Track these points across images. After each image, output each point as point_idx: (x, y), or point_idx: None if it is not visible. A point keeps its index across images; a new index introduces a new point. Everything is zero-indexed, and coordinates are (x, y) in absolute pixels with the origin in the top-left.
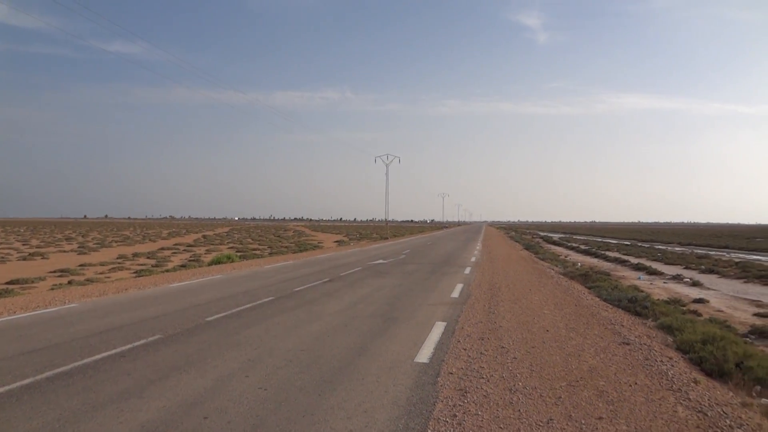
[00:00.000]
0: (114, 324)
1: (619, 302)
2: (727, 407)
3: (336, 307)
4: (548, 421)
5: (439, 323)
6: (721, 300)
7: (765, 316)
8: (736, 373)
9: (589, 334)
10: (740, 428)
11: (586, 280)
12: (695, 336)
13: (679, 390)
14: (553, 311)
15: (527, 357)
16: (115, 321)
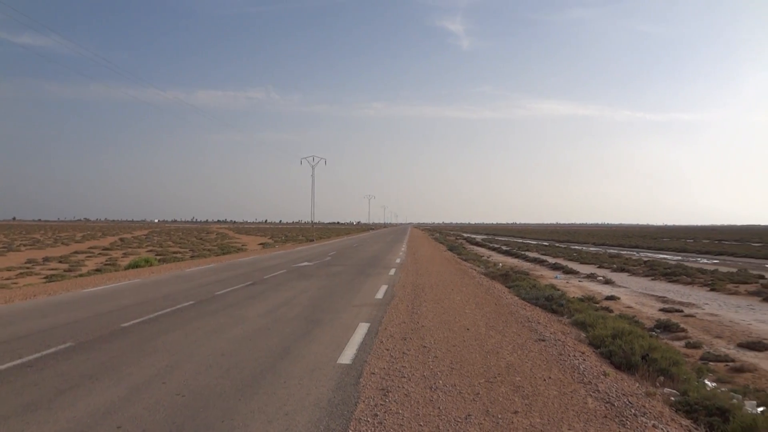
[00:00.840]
0: (20, 332)
1: (536, 300)
2: (633, 397)
3: (259, 310)
4: (467, 417)
5: (363, 324)
6: (630, 297)
7: (669, 311)
8: (642, 365)
9: (507, 331)
10: (644, 416)
11: (506, 280)
12: (606, 331)
13: (589, 383)
14: (474, 310)
15: (448, 355)
16: (22, 329)
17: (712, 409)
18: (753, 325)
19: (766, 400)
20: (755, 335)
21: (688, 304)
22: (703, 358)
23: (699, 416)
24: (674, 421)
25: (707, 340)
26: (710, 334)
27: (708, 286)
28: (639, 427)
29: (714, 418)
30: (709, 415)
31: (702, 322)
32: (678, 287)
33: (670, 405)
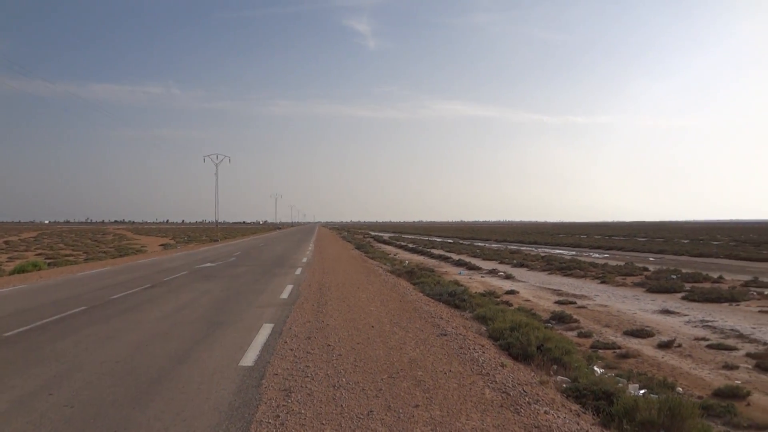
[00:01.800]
0: None
1: (440, 296)
2: (528, 386)
3: (157, 314)
4: (368, 413)
5: (267, 325)
6: (529, 290)
7: (564, 303)
8: (538, 355)
9: (411, 327)
10: (537, 404)
11: (411, 277)
12: (505, 324)
13: (487, 374)
14: (379, 308)
15: (352, 353)
16: None
17: (599, 393)
18: (638, 314)
19: (647, 383)
20: (639, 323)
21: (580, 296)
22: (593, 347)
23: (587, 401)
24: (564, 407)
25: (597, 330)
26: (600, 324)
27: (599, 279)
28: (532, 414)
29: (601, 402)
30: (596, 399)
31: (593, 312)
32: (572, 280)
33: (562, 392)
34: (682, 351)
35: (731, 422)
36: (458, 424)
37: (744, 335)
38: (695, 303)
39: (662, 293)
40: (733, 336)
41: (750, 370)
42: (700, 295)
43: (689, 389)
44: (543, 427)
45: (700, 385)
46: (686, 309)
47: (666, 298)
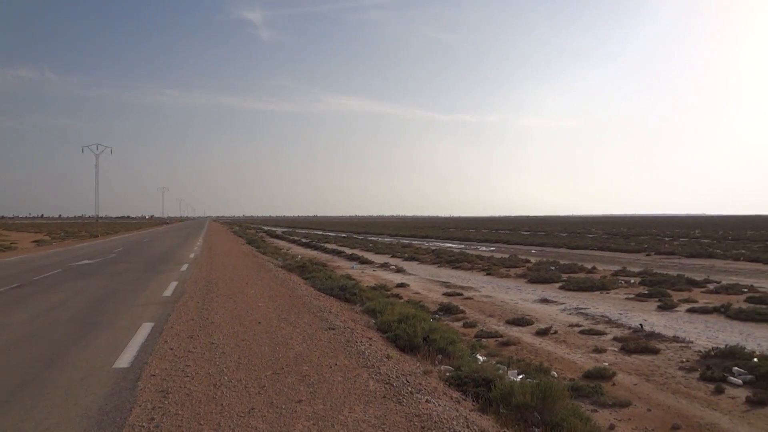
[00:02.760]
0: None
1: (331, 291)
2: (411, 376)
3: (24, 315)
4: (250, 411)
5: (147, 324)
6: (419, 283)
7: (451, 294)
8: (424, 346)
9: (299, 322)
10: (419, 393)
11: (303, 272)
12: (393, 317)
13: (372, 366)
14: (267, 303)
15: (236, 350)
16: None
17: (479, 380)
18: (519, 304)
19: (525, 369)
20: (520, 312)
21: (467, 288)
22: (477, 336)
23: (468, 388)
24: (446, 395)
25: (482, 319)
26: (484, 314)
27: (485, 271)
28: (414, 403)
29: (481, 388)
30: (476, 386)
31: (478, 303)
32: (460, 273)
33: (445, 380)
34: (558, 337)
35: (598, 401)
36: (341, 416)
37: (612, 321)
38: (571, 292)
39: (542, 283)
40: (603, 322)
41: (616, 352)
42: (575, 284)
43: (563, 373)
44: (423, 416)
45: (573, 368)
46: (563, 298)
47: (545, 288)
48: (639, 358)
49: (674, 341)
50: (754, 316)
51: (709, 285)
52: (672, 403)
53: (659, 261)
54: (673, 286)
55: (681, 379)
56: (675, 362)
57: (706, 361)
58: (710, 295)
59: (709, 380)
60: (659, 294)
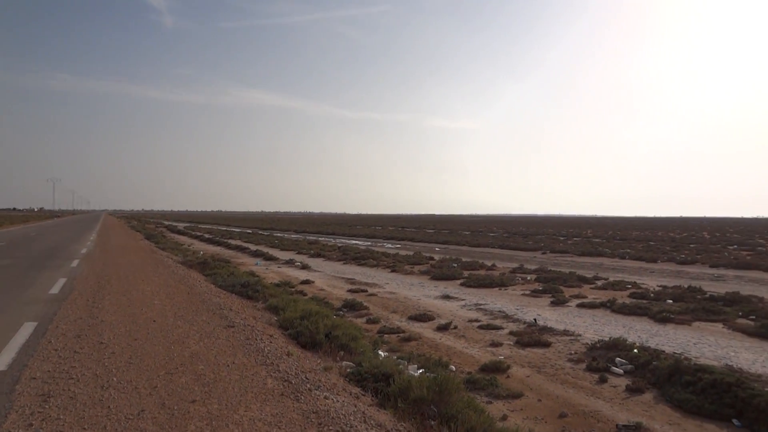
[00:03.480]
0: None
1: (233, 288)
2: (311, 373)
3: None
4: (139, 413)
5: (29, 324)
6: (324, 280)
7: (356, 291)
8: (326, 342)
9: (197, 320)
10: (318, 389)
11: (204, 268)
12: (296, 313)
13: (272, 364)
14: (164, 301)
15: (128, 350)
16: None
17: (379, 375)
18: (422, 300)
19: (425, 363)
20: (422, 308)
21: (372, 285)
22: (380, 332)
23: (368, 383)
24: (345, 391)
25: (385, 315)
26: (388, 310)
27: (390, 268)
28: (312, 400)
29: (380, 384)
30: (376, 381)
31: (382, 299)
32: (366, 269)
33: (345, 376)
34: (457, 332)
35: (493, 393)
36: (236, 416)
37: (509, 316)
38: (472, 288)
39: (444, 280)
40: (501, 317)
41: (512, 346)
42: (475, 281)
43: (461, 366)
44: (321, 412)
45: (471, 362)
46: (464, 294)
47: (447, 285)
48: (532, 351)
49: (565, 335)
50: (636, 311)
51: (598, 282)
52: (561, 393)
53: (554, 259)
54: (566, 282)
55: (569, 370)
56: (564, 354)
57: (592, 352)
58: (598, 291)
59: (595, 370)
60: (553, 290)
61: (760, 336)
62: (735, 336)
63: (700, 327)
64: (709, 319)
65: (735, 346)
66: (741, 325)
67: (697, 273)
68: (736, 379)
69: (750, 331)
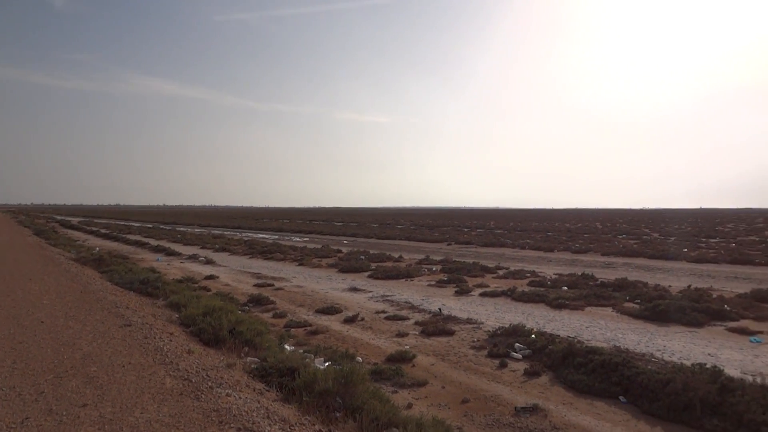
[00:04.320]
0: None
1: (131, 285)
2: (213, 371)
3: None
4: (23, 421)
5: None
6: (229, 275)
7: (262, 285)
8: (230, 338)
9: (89, 320)
10: (219, 387)
11: (100, 265)
12: (198, 310)
13: (171, 363)
14: (53, 301)
15: (11, 354)
16: None
17: (284, 370)
18: (329, 293)
19: (332, 356)
20: (330, 301)
21: (279, 279)
22: (287, 326)
23: (272, 378)
24: (249, 387)
25: (292, 309)
26: (295, 304)
27: (297, 261)
28: (213, 398)
29: (285, 378)
30: (281, 376)
31: (289, 293)
32: (272, 263)
33: (249, 372)
34: (365, 324)
35: (399, 382)
36: (131, 418)
37: (415, 306)
38: (379, 280)
39: (352, 273)
40: (407, 307)
41: (417, 335)
42: (383, 273)
43: (368, 357)
44: (222, 410)
45: (378, 352)
46: (371, 286)
47: (355, 277)
48: (437, 339)
49: (468, 323)
50: (534, 298)
51: (500, 271)
52: (463, 380)
53: (458, 250)
54: (470, 272)
55: (472, 357)
56: (468, 342)
57: (493, 339)
58: (500, 280)
59: (495, 356)
60: (457, 280)
61: (644, 318)
62: (623, 319)
63: (592, 312)
64: (600, 304)
65: (622, 328)
66: (628, 309)
67: (590, 261)
68: (622, 359)
69: (635, 313)
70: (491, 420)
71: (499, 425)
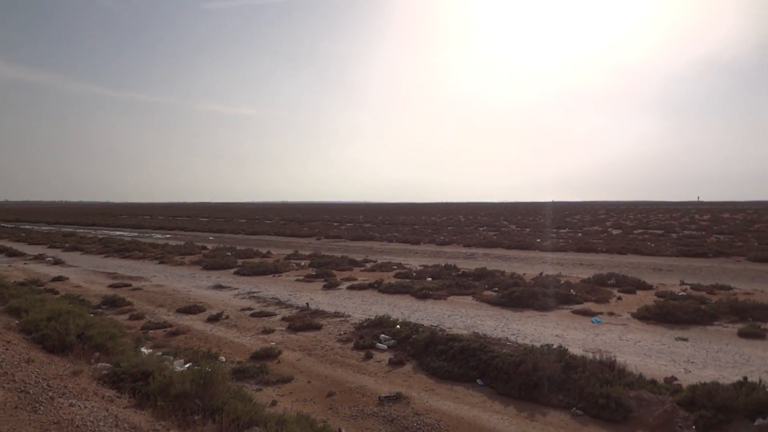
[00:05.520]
0: None
1: None
2: (56, 380)
3: None
4: None
5: None
6: (81, 275)
7: (118, 286)
8: (78, 344)
9: None
10: (62, 397)
11: None
12: (42, 314)
13: (5, 374)
14: None
15: None
16: None
17: (138, 375)
18: (192, 291)
19: (193, 357)
20: (193, 300)
21: (137, 278)
22: (144, 328)
23: (125, 384)
24: (97, 395)
25: (151, 310)
26: (154, 304)
27: (158, 260)
28: (54, 410)
29: (139, 383)
30: (135, 381)
31: (148, 293)
32: (130, 262)
33: (99, 379)
34: (229, 322)
35: (263, 380)
36: None
37: (282, 302)
38: (246, 277)
39: (218, 270)
40: (274, 303)
41: (284, 331)
42: (250, 269)
43: (232, 356)
44: (64, 422)
45: (242, 350)
46: (237, 283)
47: (221, 274)
48: (304, 334)
49: (336, 316)
50: (400, 289)
51: (368, 264)
52: (329, 373)
53: (328, 244)
54: (338, 266)
55: (338, 350)
56: (334, 335)
57: (360, 331)
58: (368, 273)
59: (361, 348)
60: (326, 274)
61: (501, 305)
62: (482, 306)
63: (454, 300)
64: (462, 293)
65: (481, 315)
66: (487, 297)
67: (454, 252)
68: (480, 345)
69: (493, 301)
70: (356, 411)
71: (363, 416)
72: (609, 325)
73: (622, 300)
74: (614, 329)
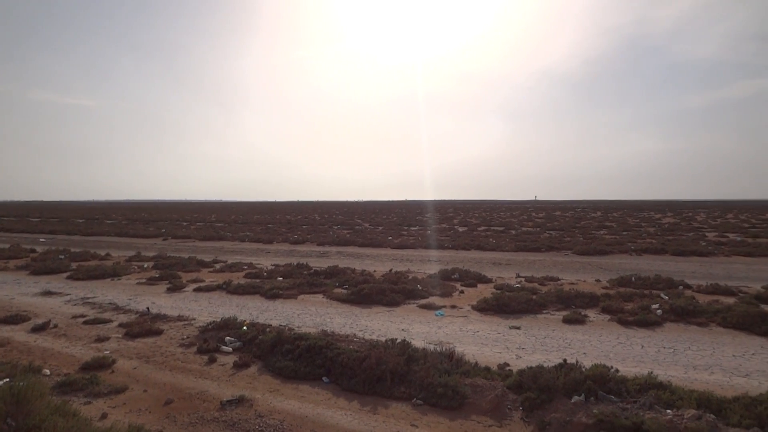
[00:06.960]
0: None
1: None
2: None
3: None
4: None
5: None
6: None
7: None
8: None
9: None
10: None
11: None
12: None
13: None
14: None
15: None
16: None
17: None
18: (15, 299)
19: (10, 372)
20: (15, 308)
21: None
22: None
23: None
24: None
25: None
26: None
27: None
28: None
29: None
30: None
31: None
32: None
33: None
34: (58, 331)
35: (93, 392)
36: None
37: (120, 307)
38: (80, 281)
39: (48, 274)
40: (111, 309)
41: (120, 339)
42: (85, 273)
43: (58, 368)
44: None
45: (70, 362)
46: (70, 288)
47: (51, 279)
48: (143, 341)
49: (179, 320)
50: (250, 290)
51: (217, 265)
52: (169, 380)
53: (175, 245)
54: (185, 267)
55: (180, 356)
56: (177, 340)
57: (204, 335)
58: (217, 274)
59: (205, 352)
60: (170, 276)
61: (351, 302)
62: (332, 304)
63: (304, 299)
64: (313, 291)
65: (331, 312)
66: (337, 294)
67: (307, 251)
68: (326, 342)
69: (344, 298)
70: (195, 418)
71: (203, 422)
72: (451, 317)
73: (464, 293)
74: (456, 321)
